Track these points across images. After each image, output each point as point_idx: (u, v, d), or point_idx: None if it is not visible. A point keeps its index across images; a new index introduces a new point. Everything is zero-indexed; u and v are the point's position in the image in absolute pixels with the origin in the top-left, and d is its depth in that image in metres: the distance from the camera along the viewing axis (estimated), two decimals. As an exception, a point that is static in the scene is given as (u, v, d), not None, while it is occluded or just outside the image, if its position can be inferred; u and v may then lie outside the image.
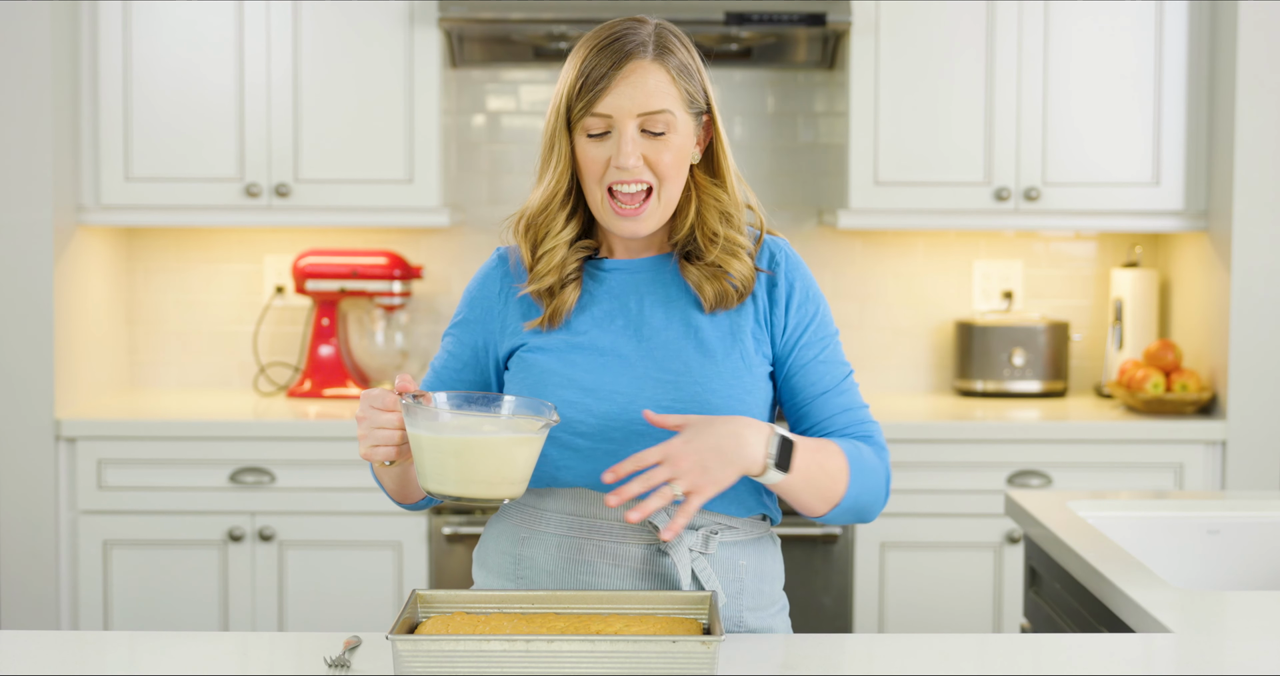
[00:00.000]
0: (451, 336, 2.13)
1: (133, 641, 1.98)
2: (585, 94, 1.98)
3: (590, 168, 2.01)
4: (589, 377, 2.01)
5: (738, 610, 2.04)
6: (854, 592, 3.85)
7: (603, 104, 1.98)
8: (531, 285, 2.05)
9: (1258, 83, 3.81)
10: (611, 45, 2.00)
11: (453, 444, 1.85)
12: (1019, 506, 2.81)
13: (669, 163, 2.00)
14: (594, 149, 2.00)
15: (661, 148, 2.00)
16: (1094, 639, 1.99)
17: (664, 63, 2.00)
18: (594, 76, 1.98)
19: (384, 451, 1.93)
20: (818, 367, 2.06)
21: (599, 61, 1.99)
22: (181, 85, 3.95)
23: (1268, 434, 3.86)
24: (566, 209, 2.06)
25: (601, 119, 1.99)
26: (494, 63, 4.27)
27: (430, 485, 1.88)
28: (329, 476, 3.82)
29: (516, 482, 1.88)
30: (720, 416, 1.91)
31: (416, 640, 1.73)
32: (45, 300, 3.80)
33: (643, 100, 1.98)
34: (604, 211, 2.02)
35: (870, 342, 4.35)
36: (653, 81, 1.99)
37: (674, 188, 2.02)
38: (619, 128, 1.99)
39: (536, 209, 2.06)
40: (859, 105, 3.99)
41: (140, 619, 3.83)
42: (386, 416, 1.92)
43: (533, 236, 2.07)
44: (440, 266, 4.36)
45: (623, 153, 1.98)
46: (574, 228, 2.06)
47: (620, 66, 1.98)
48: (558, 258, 2.05)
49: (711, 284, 2.04)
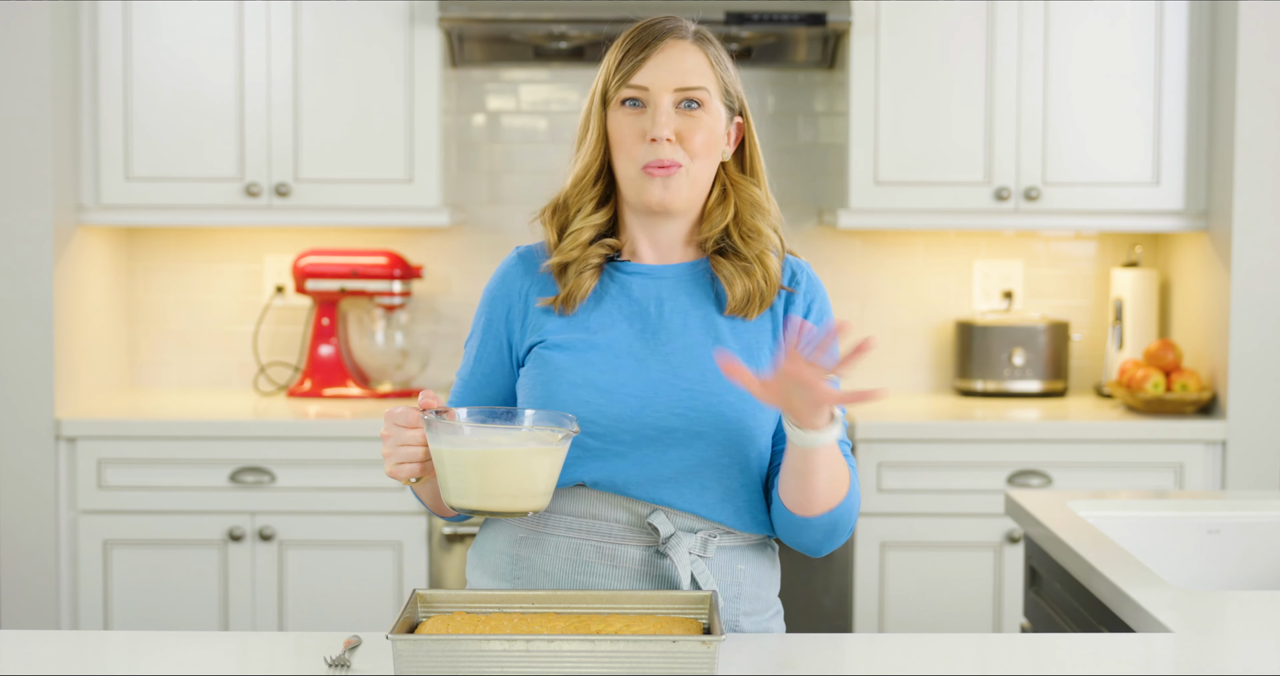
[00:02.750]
0: (475, 341, 2.12)
1: (133, 641, 1.98)
2: (624, 67, 2.01)
3: (623, 140, 2.02)
4: (604, 378, 2.01)
5: (734, 614, 2.04)
6: (854, 592, 3.85)
7: (640, 75, 2.00)
8: (557, 257, 2.05)
9: (1258, 83, 3.81)
10: (652, 27, 2.04)
11: (473, 457, 1.84)
12: (1019, 506, 2.81)
13: (701, 142, 2.01)
14: (628, 121, 2.01)
15: (694, 125, 2.00)
16: (1094, 639, 1.99)
17: (702, 47, 2.04)
18: (633, 51, 2.01)
19: (409, 469, 1.94)
20: None
21: (639, 38, 2.03)
22: (181, 85, 3.95)
23: (1268, 434, 3.86)
24: (597, 188, 2.06)
25: (638, 90, 2.00)
26: (494, 63, 4.27)
27: (453, 499, 1.87)
28: (329, 476, 3.82)
29: (539, 495, 1.88)
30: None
31: (417, 640, 1.73)
32: (45, 300, 3.80)
33: (680, 75, 2.00)
34: (636, 184, 2.02)
35: (870, 342, 4.35)
36: (691, 61, 2.02)
37: (703, 169, 2.03)
38: (654, 101, 2.00)
39: (570, 186, 2.07)
40: (859, 105, 3.99)
41: (140, 619, 3.83)
42: (410, 433, 1.92)
43: (561, 218, 2.07)
44: (440, 266, 4.36)
45: (657, 123, 1.99)
46: (603, 214, 2.06)
47: (660, 41, 2.01)
48: (585, 237, 2.05)
49: (743, 280, 2.04)
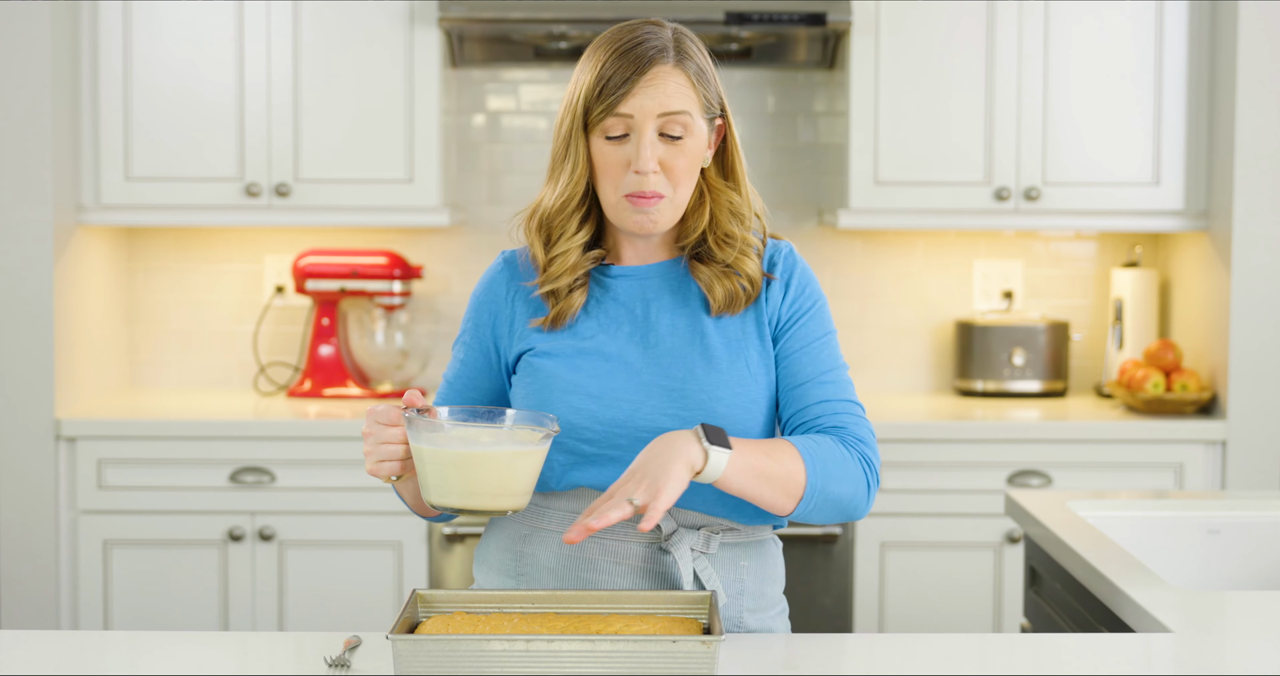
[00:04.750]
0: (462, 345, 2.12)
1: (133, 641, 1.98)
2: (606, 97, 1.98)
3: (607, 170, 2.01)
4: (595, 384, 2.01)
5: (738, 611, 2.04)
6: (854, 592, 3.85)
7: (624, 106, 1.98)
8: (546, 285, 2.05)
9: (1258, 83, 3.81)
10: (633, 50, 1.99)
11: (453, 456, 1.85)
12: (1019, 506, 2.81)
13: (683, 168, 2.01)
14: (612, 151, 2.00)
15: (677, 153, 2.00)
16: (1094, 639, 1.99)
17: (684, 68, 2.01)
18: (615, 81, 1.98)
19: (389, 467, 1.94)
20: (801, 357, 2.04)
21: (621, 65, 1.99)
22: (181, 85, 3.95)
23: (1268, 434, 3.86)
24: (581, 211, 2.06)
25: (622, 120, 1.99)
26: (494, 62, 4.27)
27: (433, 498, 1.88)
28: (329, 476, 3.82)
29: (519, 494, 1.88)
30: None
31: (417, 640, 1.73)
32: (45, 300, 3.80)
33: (663, 101, 1.99)
34: (619, 210, 2.02)
35: (870, 342, 4.35)
36: (673, 86, 1.99)
37: (685, 191, 2.03)
38: (639, 130, 1.99)
39: (554, 210, 2.05)
40: (859, 105, 3.99)
41: (140, 619, 3.83)
42: (391, 431, 1.92)
43: (545, 235, 2.06)
44: (440, 266, 4.36)
45: (641, 157, 1.98)
46: (587, 232, 2.06)
47: (644, 72, 1.99)
48: (571, 260, 2.05)
49: (722, 283, 2.04)
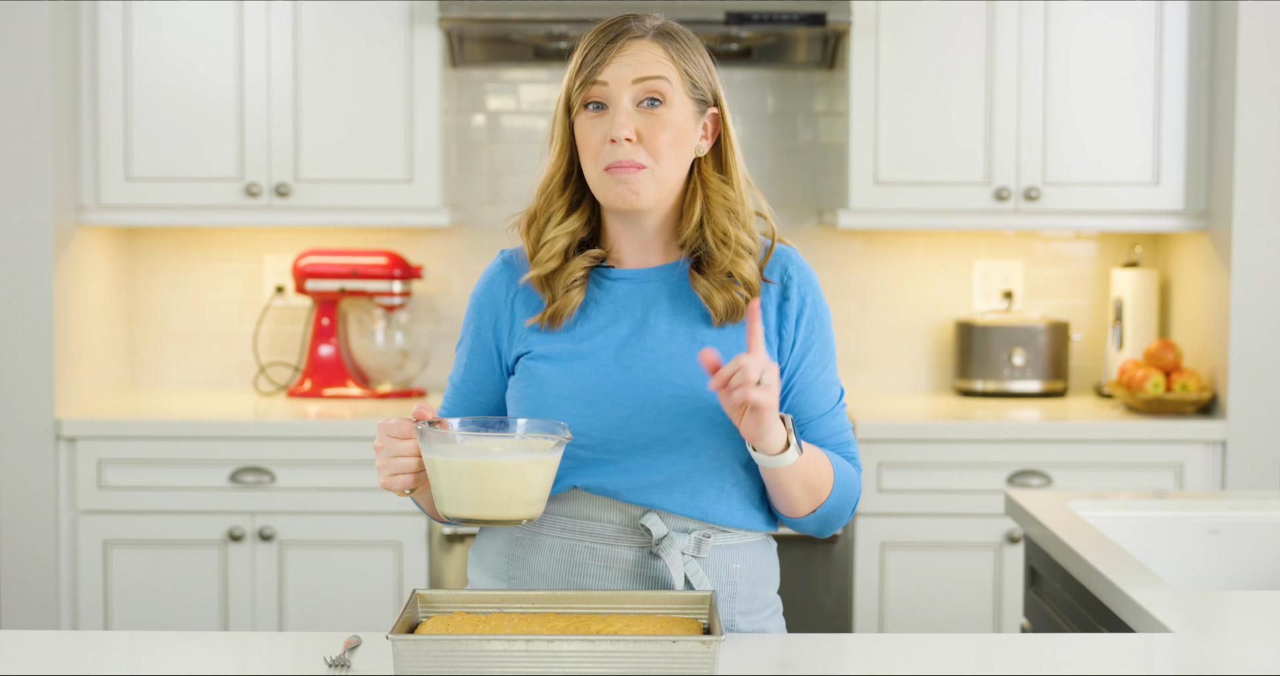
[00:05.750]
0: (465, 348, 2.12)
1: (133, 641, 1.98)
2: (583, 71, 2.00)
3: (588, 143, 2.00)
4: (590, 389, 2.00)
5: (730, 614, 2.03)
6: (854, 592, 3.85)
7: (600, 74, 1.98)
8: (535, 270, 2.04)
9: (1258, 83, 3.81)
10: (612, 28, 2.02)
11: (466, 466, 1.84)
12: (1019, 506, 2.81)
13: (665, 141, 1.98)
14: (593, 127, 2.00)
15: (656, 123, 1.98)
16: (1094, 639, 1.99)
17: (662, 42, 2.01)
18: (592, 55, 2.00)
19: (402, 480, 1.93)
20: (818, 389, 2.06)
21: (597, 41, 2.01)
22: (181, 85, 3.95)
23: (1268, 434, 3.86)
24: (566, 194, 2.05)
25: (598, 87, 1.99)
26: (494, 63, 4.27)
27: (447, 508, 1.87)
28: (329, 476, 3.82)
29: (532, 503, 1.88)
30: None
31: (417, 640, 1.73)
32: (45, 300, 3.80)
33: (638, 68, 1.98)
34: (601, 185, 2.00)
35: (870, 342, 4.35)
36: (649, 55, 2.00)
37: (670, 169, 2.00)
38: (614, 99, 1.98)
39: (537, 194, 2.06)
40: (859, 105, 3.99)
41: (140, 619, 3.83)
42: (403, 444, 1.92)
43: (536, 230, 2.06)
44: (440, 266, 4.36)
45: (616, 122, 1.97)
46: (577, 219, 2.05)
47: (616, 42, 2.00)
48: (560, 245, 2.04)
49: (721, 295, 2.02)
